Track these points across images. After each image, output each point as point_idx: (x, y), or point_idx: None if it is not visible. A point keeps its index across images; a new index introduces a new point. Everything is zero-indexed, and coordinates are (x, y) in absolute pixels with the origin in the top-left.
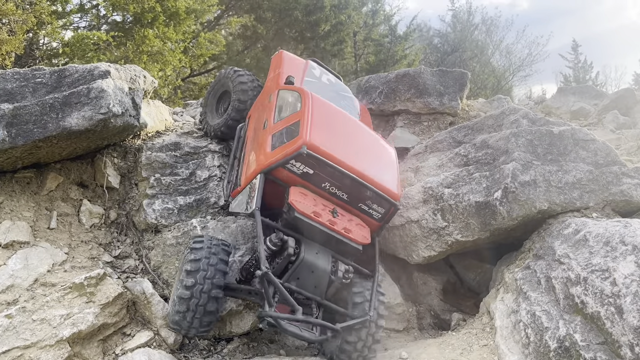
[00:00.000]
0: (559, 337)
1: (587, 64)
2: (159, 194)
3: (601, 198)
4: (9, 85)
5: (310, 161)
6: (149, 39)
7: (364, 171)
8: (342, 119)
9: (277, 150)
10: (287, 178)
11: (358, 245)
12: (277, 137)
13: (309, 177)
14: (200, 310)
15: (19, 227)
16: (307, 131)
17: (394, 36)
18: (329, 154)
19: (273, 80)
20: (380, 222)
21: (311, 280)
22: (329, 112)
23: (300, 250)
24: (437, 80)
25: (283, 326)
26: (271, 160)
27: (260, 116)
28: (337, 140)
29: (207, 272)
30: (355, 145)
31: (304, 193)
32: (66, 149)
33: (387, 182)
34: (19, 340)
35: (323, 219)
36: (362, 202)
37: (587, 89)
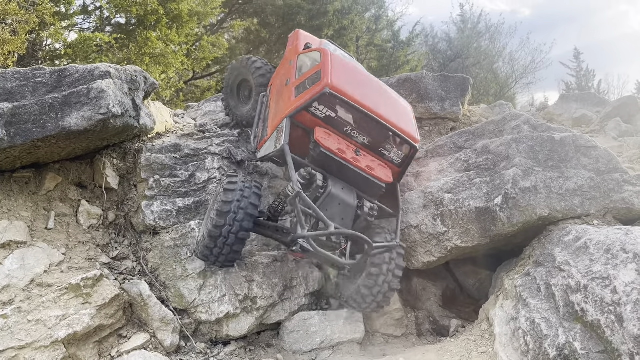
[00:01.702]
0: (558, 345)
1: (590, 72)
2: (158, 195)
3: (602, 205)
4: (9, 85)
5: (333, 102)
6: (151, 42)
7: (385, 115)
8: (361, 72)
9: (301, 96)
10: (311, 122)
11: (381, 182)
12: (301, 86)
13: (332, 120)
14: (227, 249)
15: (17, 227)
16: (329, 75)
17: (397, 42)
18: (350, 96)
19: (291, 51)
20: (399, 167)
21: (339, 213)
22: (348, 65)
23: (327, 184)
24: (439, 85)
25: (316, 247)
26: (296, 105)
27: (282, 80)
28: (358, 87)
29: (237, 215)
30: (375, 93)
31: (329, 133)
32: (65, 149)
33: (406, 126)
34: (14, 340)
35: (347, 156)
36: (383, 147)
37: (589, 96)
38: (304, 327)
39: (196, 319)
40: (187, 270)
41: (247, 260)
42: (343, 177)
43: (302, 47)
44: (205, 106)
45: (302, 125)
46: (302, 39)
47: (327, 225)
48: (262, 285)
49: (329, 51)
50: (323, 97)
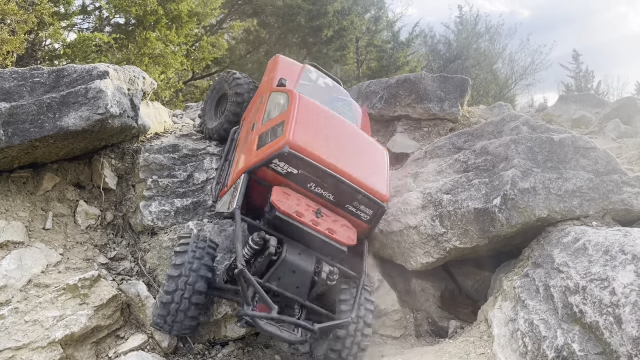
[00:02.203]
0: (556, 346)
1: (589, 73)
2: (156, 195)
3: (601, 206)
4: (7, 84)
5: (294, 161)
6: (150, 42)
7: (350, 171)
8: (331, 120)
9: (262, 150)
10: (272, 178)
11: (342, 246)
12: (264, 137)
13: (294, 177)
14: (180, 315)
15: (14, 227)
16: (291, 130)
17: (397, 42)
18: (312, 154)
19: (266, 83)
20: (369, 224)
21: (293, 281)
22: (317, 113)
23: (282, 250)
24: (438, 86)
25: (261, 325)
26: (255, 160)
27: (252, 119)
28: (323, 140)
29: (189, 278)
30: (343, 145)
31: (287, 193)
32: (63, 149)
33: (374, 183)
34: (11, 341)
35: (306, 219)
36: (349, 204)
37: (588, 97)
38: None
39: None
40: None
41: None
42: (302, 240)
43: (276, 81)
44: None
45: (262, 181)
46: (279, 70)
47: (270, 307)
48: None
49: (297, 96)
50: (282, 155)
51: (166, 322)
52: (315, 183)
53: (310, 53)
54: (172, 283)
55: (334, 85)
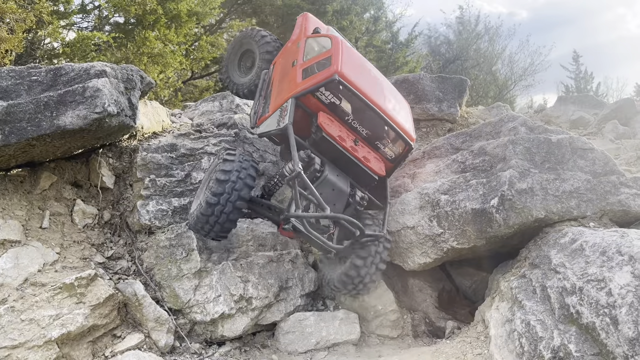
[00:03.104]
0: (553, 347)
1: (588, 74)
2: (154, 195)
3: (599, 207)
4: (4, 83)
5: (339, 91)
6: (149, 41)
7: (387, 109)
8: (368, 65)
9: (308, 79)
10: (315, 106)
11: (374, 174)
12: (308, 69)
13: (335, 107)
14: (223, 217)
15: (11, 226)
16: (339, 62)
17: (396, 43)
18: (357, 86)
19: (299, 33)
20: (392, 163)
21: (332, 198)
22: (357, 56)
23: (324, 168)
24: (437, 86)
25: (307, 227)
26: (303, 87)
27: (287, 61)
28: (364, 78)
29: (236, 184)
30: (379, 87)
31: (332, 119)
32: (60, 148)
33: (405, 124)
34: (7, 340)
35: (347, 144)
36: (379, 141)
37: (587, 98)
38: (300, 327)
39: (191, 319)
40: (182, 270)
41: (243, 260)
42: (339, 164)
43: (310, 31)
44: (202, 106)
45: (305, 108)
46: (311, 23)
47: (322, 208)
48: (257, 285)
49: (340, 39)
50: (331, 83)
51: (209, 222)
52: (353, 117)
53: None
54: (220, 187)
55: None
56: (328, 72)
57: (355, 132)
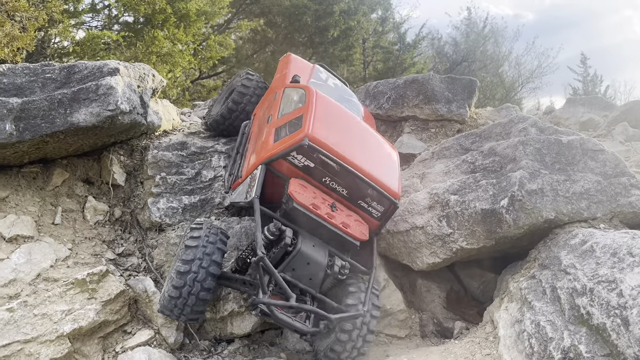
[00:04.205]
0: (563, 348)
1: (596, 77)
2: (164, 192)
3: (609, 209)
4: (19, 80)
5: (311, 154)
6: (158, 40)
7: (365, 167)
8: (346, 117)
9: (280, 142)
10: (288, 171)
11: (355, 240)
12: (281, 130)
13: (310, 170)
14: (192, 299)
15: (24, 222)
16: (310, 124)
17: (403, 44)
18: (330, 148)
19: (279, 80)
20: (379, 221)
21: (306, 272)
22: (333, 109)
23: (297, 241)
24: (446, 87)
25: (275, 314)
26: (273, 152)
27: (265, 113)
28: (340, 135)
29: (203, 261)
30: (357, 142)
31: (304, 185)
32: (73, 145)
33: (387, 180)
34: (20, 334)
35: (321, 212)
36: (362, 200)
37: (596, 100)
38: None
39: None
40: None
41: None
42: (316, 233)
43: (289, 78)
44: None
45: (278, 174)
46: (291, 68)
47: (287, 296)
48: None
49: (314, 92)
50: (301, 148)
51: (177, 306)
52: (331, 177)
53: (316, 52)
54: (186, 266)
55: (342, 86)
56: (297, 136)
57: (335, 193)
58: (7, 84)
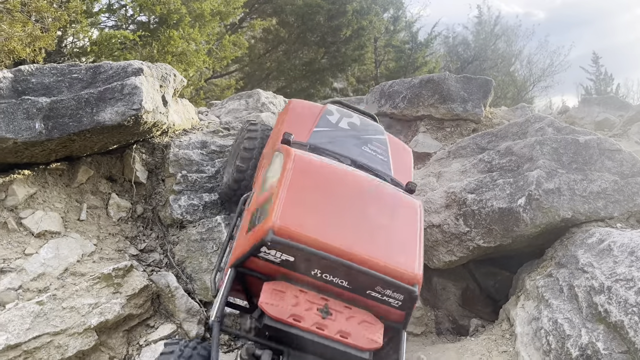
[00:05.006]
0: (581, 345)
1: (609, 76)
2: (185, 190)
3: (626, 208)
4: (46, 80)
5: (285, 248)
6: (174, 40)
7: (365, 251)
8: (342, 181)
9: (251, 234)
10: (266, 268)
11: (362, 351)
12: (255, 216)
13: (292, 264)
14: None
15: (51, 218)
16: (278, 210)
17: (415, 43)
18: (307, 237)
19: (274, 137)
20: (403, 310)
21: None
22: (321, 175)
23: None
24: (461, 86)
25: None
26: (242, 249)
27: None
28: (328, 213)
29: None
30: (357, 213)
31: (281, 289)
32: (98, 144)
33: (399, 262)
34: (49, 326)
35: (307, 323)
36: (371, 289)
37: (611, 99)
38: None
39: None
40: (212, 264)
41: None
42: (308, 349)
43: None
44: (229, 104)
45: (255, 273)
46: (288, 119)
47: None
48: None
49: (292, 158)
50: (266, 245)
51: None
52: (321, 269)
53: (328, 52)
54: None
55: (362, 124)
56: (262, 227)
57: (331, 285)
58: (36, 83)
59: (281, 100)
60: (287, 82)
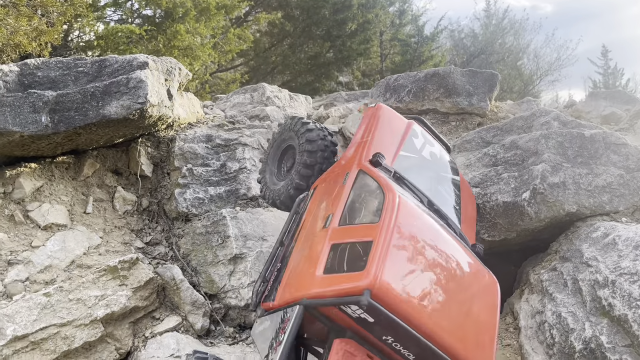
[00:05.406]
0: (584, 338)
1: (618, 70)
2: (191, 183)
3: (631, 202)
4: (52, 73)
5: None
6: (180, 34)
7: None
8: (434, 241)
9: (332, 278)
10: (338, 318)
11: None
12: (338, 254)
13: (367, 325)
14: None
15: (58, 210)
16: (379, 266)
17: (421, 36)
18: (402, 308)
19: (358, 148)
20: None
21: None
22: (420, 230)
23: None
24: (467, 80)
25: None
26: (318, 292)
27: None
28: (423, 281)
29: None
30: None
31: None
32: (104, 137)
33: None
34: (56, 318)
35: None
36: None
37: (618, 93)
38: None
39: (226, 304)
40: (217, 257)
41: None
42: None
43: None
44: (234, 98)
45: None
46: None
47: None
48: None
49: (396, 203)
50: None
51: None
52: (396, 338)
53: (334, 46)
54: None
55: (441, 157)
56: (356, 282)
57: (398, 355)
58: (42, 77)
59: (286, 94)
60: (293, 76)
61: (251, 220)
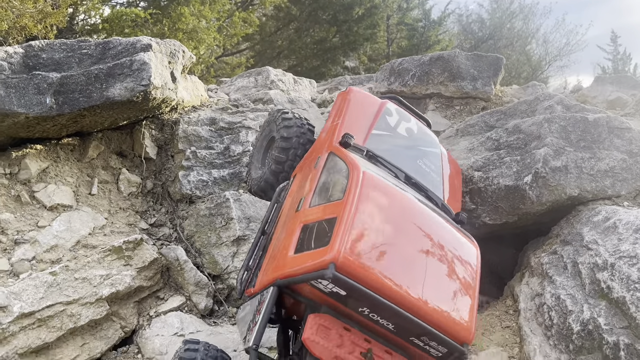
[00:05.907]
0: (582, 320)
1: (627, 55)
2: (194, 166)
3: (633, 187)
4: (57, 55)
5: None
6: (185, 17)
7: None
8: (406, 213)
9: (301, 257)
10: (312, 294)
11: None
12: (307, 232)
13: (341, 298)
14: None
15: (63, 191)
16: (343, 240)
17: (428, 21)
18: (370, 277)
19: (329, 131)
20: None
21: None
22: (388, 203)
23: None
24: (472, 64)
25: None
26: (289, 271)
27: (302, 184)
28: (390, 249)
29: None
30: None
31: (327, 325)
32: (108, 119)
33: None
34: (62, 296)
35: None
36: (415, 337)
37: (625, 78)
38: None
39: (229, 285)
40: (221, 238)
41: None
42: None
43: (340, 134)
44: (238, 81)
45: (298, 296)
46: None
47: None
48: None
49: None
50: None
51: None
52: (371, 308)
53: (340, 30)
54: None
55: (419, 131)
56: (321, 257)
57: (377, 326)
58: (46, 59)
59: (290, 77)
60: (298, 61)
61: (254, 202)
